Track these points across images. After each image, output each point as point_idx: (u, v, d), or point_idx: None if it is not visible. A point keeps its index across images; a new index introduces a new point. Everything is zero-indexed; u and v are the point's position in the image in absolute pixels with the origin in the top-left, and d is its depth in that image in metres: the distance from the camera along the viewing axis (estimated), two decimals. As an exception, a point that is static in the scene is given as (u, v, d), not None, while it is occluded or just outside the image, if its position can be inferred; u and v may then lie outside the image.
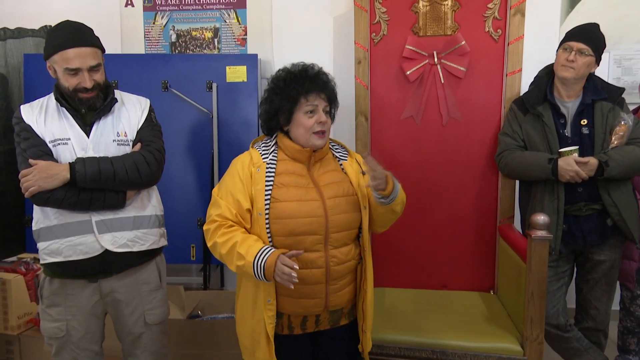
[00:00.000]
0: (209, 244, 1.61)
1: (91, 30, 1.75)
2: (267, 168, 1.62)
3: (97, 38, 1.75)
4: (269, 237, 1.58)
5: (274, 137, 1.71)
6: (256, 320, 1.62)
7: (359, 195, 1.68)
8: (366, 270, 1.69)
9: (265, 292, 1.59)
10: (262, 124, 1.73)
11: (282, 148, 1.67)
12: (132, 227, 1.77)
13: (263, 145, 1.70)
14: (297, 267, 1.47)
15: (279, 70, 1.69)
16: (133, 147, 1.79)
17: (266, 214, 1.58)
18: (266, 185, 1.59)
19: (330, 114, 1.70)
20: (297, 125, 1.63)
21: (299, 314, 1.66)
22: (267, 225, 1.58)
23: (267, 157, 1.65)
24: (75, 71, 1.67)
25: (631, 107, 2.21)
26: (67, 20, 1.74)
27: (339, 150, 1.78)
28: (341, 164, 1.73)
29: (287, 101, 1.62)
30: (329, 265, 1.61)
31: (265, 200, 1.58)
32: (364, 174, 1.69)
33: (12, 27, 3.15)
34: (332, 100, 1.68)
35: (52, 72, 1.73)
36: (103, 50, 1.76)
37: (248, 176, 1.61)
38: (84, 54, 1.67)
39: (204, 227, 1.63)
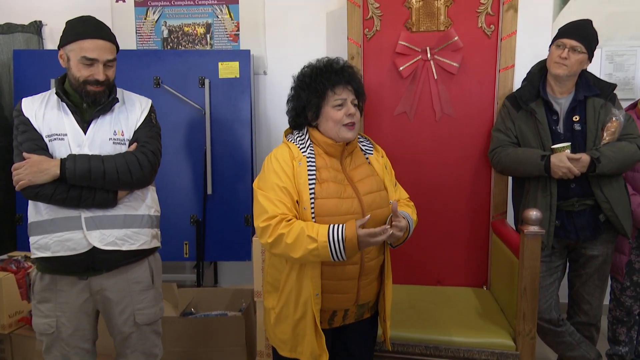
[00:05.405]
0: (268, 240, 1.52)
1: (109, 28, 1.75)
2: (307, 162, 1.60)
3: (115, 36, 1.76)
4: None
5: (305, 131, 1.68)
6: (300, 315, 1.61)
7: (387, 190, 1.69)
8: (387, 263, 1.73)
9: (314, 286, 1.58)
10: (290, 121, 1.72)
11: (315, 142, 1.65)
12: (122, 226, 1.75)
13: (298, 138, 1.67)
14: (389, 226, 1.49)
15: (303, 67, 1.68)
16: (129, 147, 1.78)
17: (311, 209, 1.56)
18: (309, 180, 1.58)
19: (359, 106, 1.68)
20: (327, 119, 1.62)
21: (329, 309, 1.66)
22: (313, 221, 1.55)
23: (306, 151, 1.62)
24: (92, 62, 1.67)
25: (622, 103, 2.21)
26: (89, 15, 1.74)
27: (364, 144, 1.78)
28: (367, 157, 1.74)
29: (314, 96, 1.61)
30: (363, 261, 1.62)
31: (310, 195, 1.56)
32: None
33: (1, 22, 3.11)
34: (359, 93, 1.67)
35: (63, 62, 1.71)
36: (118, 49, 1.77)
37: (291, 170, 1.58)
38: (103, 47, 1.68)
39: (261, 225, 1.53)
